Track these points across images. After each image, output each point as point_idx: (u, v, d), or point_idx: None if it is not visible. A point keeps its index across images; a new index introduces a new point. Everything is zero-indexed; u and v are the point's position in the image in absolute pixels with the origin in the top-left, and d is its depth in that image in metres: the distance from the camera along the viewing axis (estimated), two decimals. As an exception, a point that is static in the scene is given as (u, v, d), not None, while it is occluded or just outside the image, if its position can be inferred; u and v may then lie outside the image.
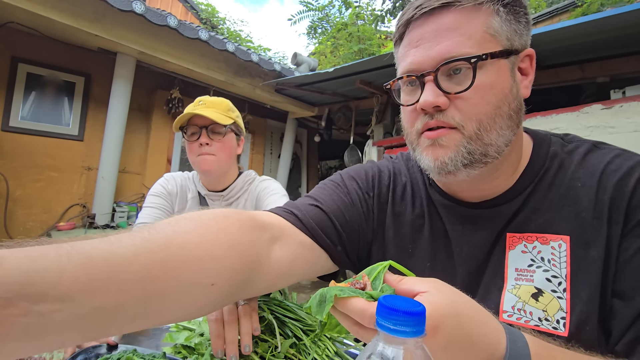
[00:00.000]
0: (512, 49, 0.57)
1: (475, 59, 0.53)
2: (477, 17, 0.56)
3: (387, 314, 0.36)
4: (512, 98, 0.57)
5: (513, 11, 0.58)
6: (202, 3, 8.03)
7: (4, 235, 3.14)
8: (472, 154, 0.56)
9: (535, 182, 0.61)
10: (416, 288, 0.41)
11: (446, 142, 0.57)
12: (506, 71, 0.57)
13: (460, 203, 0.66)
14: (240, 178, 1.40)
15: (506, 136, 0.57)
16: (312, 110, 4.96)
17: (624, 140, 2.27)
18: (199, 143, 1.29)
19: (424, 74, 0.57)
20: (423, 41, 0.57)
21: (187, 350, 0.67)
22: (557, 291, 0.55)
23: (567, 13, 5.29)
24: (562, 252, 0.56)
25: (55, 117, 3.49)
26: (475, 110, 0.55)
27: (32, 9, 2.74)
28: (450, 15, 0.56)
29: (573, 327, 0.53)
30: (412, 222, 0.70)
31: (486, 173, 0.60)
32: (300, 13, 6.65)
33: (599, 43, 2.72)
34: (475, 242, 0.63)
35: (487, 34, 0.55)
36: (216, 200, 1.37)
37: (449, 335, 0.38)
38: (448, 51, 0.55)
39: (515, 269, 0.59)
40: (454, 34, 0.55)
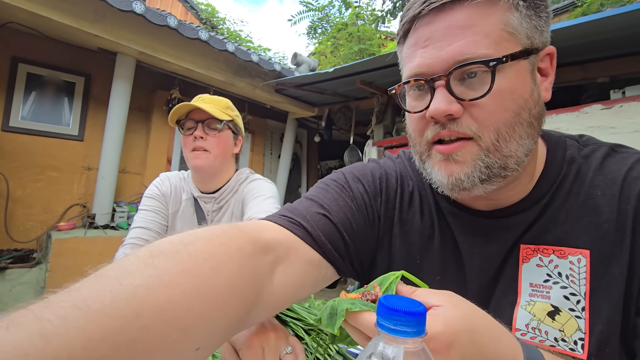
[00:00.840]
0: (532, 48, 0.50)
1: (495, 62, 0.46)
2: (494, 12, 0.48)
3: (387, 314, 0.36)
4: (533, 103, 0.51)
5: (534, 5, 0.50)
6: (202, 3, 8.03)
7: (4, 235, 3.14)
8: (491, 168, 0.50)
9: (553, 190, 0.56)
10: (429, 301, 0.39)
11: (462, 157, 0.51)
12: (526, 73, 0.50)
13: (471, 212, 0.60)
14: (233, 178, 1.35)
15: (526, 146, 0.51)
16: (312, 111, 4.96)
17: (624, 140, 2.27)
18: (193, 137, 1.26)
19: (434, 78, 0.50)
20: (432, 41, 0.50)
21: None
22: (576, 310, 0.51)
23: (567, 13, 5.29)
24: (582, 267, 0.51)
25: (55, 117, 3.49)
26: (493, 118, 0.49)
27: (32, 9, 2.74)
28: (463, 10, 0.48)
29: (592, 349, 0.49)
30: (420, 232, 0.63)
31: (503, 185, 0.54)
32: (300, 13, 6.65)
33: (599, 43, 2.72)
34: (487, 254, 0.58)
35: (504, 32, 0.48)
36: (208, 203, 1.33)
37: (464, 351, 0.36)
38: (462, 52, 0.48)
39: (529, 284, 0.54)
40: (467, 32, 0.48)
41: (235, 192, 1.35)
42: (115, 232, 3.29)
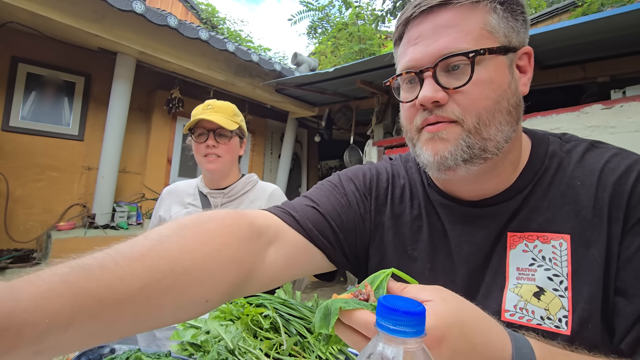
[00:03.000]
0: (509, 46, 0.57)
1: (473, 53, 0.54)
2: (475, 14, 0.56)
3: (387, 314, 0.36)
4: (511, 94, 0.57)
5: (510, 9, 0.58)
6: (202, 3, 8.03)
7: (4, 235, 3.14)
8: (472, 148, 0.56)
9: (535, 181, 0.61)
10: (419, 296, 0.40)
11: (446, 135, 0.57)
12: (504, 67, 0.57)
13: (459, 202, 0.65)
14: (242, 179, 1.49)
15: (505, 132, 0.57)
16: (312, 110, 4.96)
17: (624, 140, 2.27)
18: (206, 145, 1.38)
19: (422, 70, 0.57)
20: (421, 38, 0.57)
21: (193, 348, 0.68)
22: (559, 290, 0.55)
23: (567, 13, 5.28)
24: (563, 250, 0.56)
25: (55, 117, 3.49)
26: (474, 104, 0.55)
27: (32, 9, 2.74)
28: (448, 12, 0.56)
29: (575, 325, 0.53)
30: (410, 224, 0.69)
31: (486, 170, 0.60)
32: (301, 13, 6.65)
33: (599, 43, 2.72)
34: (475, 241, 0.62)
35: (484, 30, 0.56)
36: (217, 198, 1.44)
37: (454, 345, 0.38)
38: (446, 47, 0.55)
39: (516, 268, 0.58)
40: (451, 30, 0.55)
41: (247, 191, 1.47)
42: (115, 232, 3.30)
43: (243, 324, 0.72)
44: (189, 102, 4.08)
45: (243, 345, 0.66)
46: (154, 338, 0.85)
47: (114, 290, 0.38)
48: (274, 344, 0.67)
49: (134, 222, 3.64)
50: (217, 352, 0.63)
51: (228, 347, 0.65)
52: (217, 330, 0.69)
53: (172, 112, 4.11)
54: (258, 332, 0.72)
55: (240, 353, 0.64)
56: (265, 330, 0.72)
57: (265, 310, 0.76)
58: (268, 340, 0.69)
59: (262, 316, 0.74)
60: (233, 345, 0.65)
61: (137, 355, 0.61)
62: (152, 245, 0.44)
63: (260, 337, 0.70)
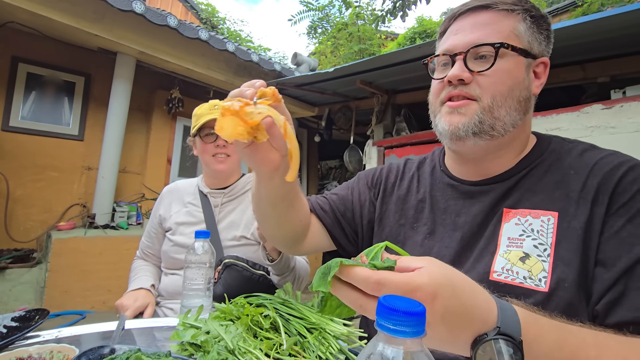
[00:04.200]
0: (530, 52, 0.70)
1: (499, 45, 0.67)
2: (508, 19, 0.69)
3: (387, 314, 0.36)
4: (523, 87, 0.69)
5: (537, 23, 0.71)
6: (202, 3, 8.03)
7: (4, 235, 3.14)
8: (482, 123, 0.68)
9: (530, 168, 0.72)
10: (412, 265, 0.43)
11: (464, 111, 0.69)
12: (522, 66, 0.69)
13: (463, 182, 0.79)
14: (242, 179, 1.50)
15: (513, 116, 0.69)
16: (312, 110, 4.95)
17: (624, 140, 2.27)
18: (215, 144, 1.39)
19: (456, 53, 0.70)
20: (461, 31, 0.72)
21: (193, 348, 0.68)
22: (542, 256, 0.63)
23: (567, 13, 5.29)
24: (550, 225, 0.65)
25: (55, 117, 3.49)
26: (492, 87, 0.68)
27: (32, 8, 2.74)
28: (487, 14, 0.70)
29: (553, 284, 0.61)
30: (415, 206, 0.84)
31: (491, 150, 0.73)
32: (301, 13, 6.65)
33: (599, 43, 2.72)
34: (470, 212, 0.75)
35: (513, 33, 0.69)
36: (217, 197, 1.44)
37: (446, 302, 0.41)
38: (479, 38, 0.68)
39: (507, 238, 0.68)
40: (486, 28, 0.69)
41: (247, 190, 1.48)
42: (115, 232, 3.30)
43: (243, 324, 0.73)
44: (189, 102, 4.08)
45: (243, 345, 0.66)
46: (154, 338, 0.85)
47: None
48: (274, 344, 0.67)
49: (134, 222, 3.64)
50: (217, 352, 0.63)
51: (228, 347, 0.65)
52: (217, 330, 0.70)
53: (172, 112, 4.11)
54: (258, 332, 0.72)
55: (240, 353, 0.64)
56: (265, 330, 0.72)
57: (265, 310, 0.76)
58: (268, 340, 0.69)
59: (262, 316, 0.74)
60: (233, 345, 0.65)
61: (137, 355, 0.61)
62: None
63: (260, 337, 0.70)
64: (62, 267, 2.92)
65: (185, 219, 1.42)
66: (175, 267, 1.37)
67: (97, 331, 0.86)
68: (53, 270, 2.88)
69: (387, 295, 0.39)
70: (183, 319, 0.76)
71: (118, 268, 3.16)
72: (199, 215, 1.41)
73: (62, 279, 2.91)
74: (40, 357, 0.65)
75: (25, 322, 0.84)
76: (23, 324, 0.84)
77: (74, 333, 0.84)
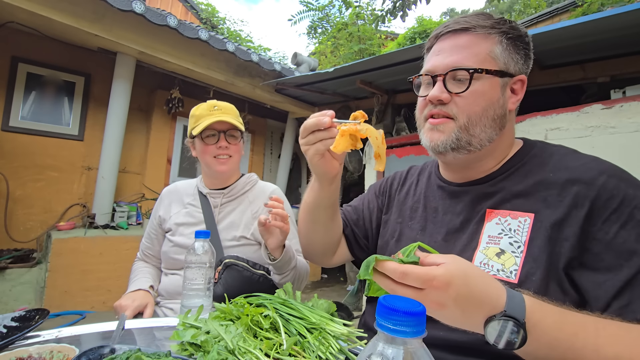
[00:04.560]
0: (506, 72, 0.76)
1: (472, 70, 0.74)
2: (485, 42, 0.76)
3: (387, 314, 0.36)
4: (498, 106, 0.76)
5: (514, 44, 0.77)
6: (202, 3, 8.03)
7: (4, 235, 3.14)
8: (459, 140, 0.76)
9: (511, 172, 0.79)
10: (438, 260, 0.53)
11: (443, 129, 0.77)
12: (497, 86, 0.76)
13: (450, 184, 0.88)
14: (242, 179, 1.50)
15: (488, 133, 0.77)
16: (312, 110, 4.95)
17: (624, 140, 2.27)
18: (217, 146, 1.39)
19: (436, 75, 0.77)
20: (442, 52, 0.78)
21: (193, 348, 0.68)
22: (516, 252, 0.70)
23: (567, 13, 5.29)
24: (526, 224, 0.71)
25: (55, 117, 3.49)
26: (467, 107, 0.75)
27: (32, 8, 2.74)
28: (466, 36, 0.77)
29: (522, 277, 0.68)
30: (411, 207, 0.95)
31: (471, 161, 0.81)
32: (301, 13, 6.65)
33: (599, 43, 2.72)
34: (455, 211, 0.84)
35: (489, 56, 0.75)
36: (217, 198, 1.44)
37: (458, 290, 0.51)
38: (457, 62, 0.75)
39: (488, 236, 0.75)
40: (465, 51, 0.75)
41: (247, 191, 1.48)
42: (115, 232, 3.30)
43: (243, 324, 0.72)
44: (188, 102, 4.08)
45: (243, 345, 0.66)
46: (154, 338, 0.85)
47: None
48: (274, 344, 0.67)
49: (134, 222, 3.64)
50: (217, 352, 0.63)
51: (228, 347, 0.65)
52: (217, 330, 0.69)
53: (172, 112, 4.11)
54: (258, 332, 0.72)
55: (240, 353, 0.64)
56: (265, 330, 0.72)
57: (265, 310, 0.76)
58: (268, 340, 0.69)
59: (262, 316, 0.74)
60: (233, 345, 0.65)
61: (137, 355, 0.61)
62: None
63: (260, 337, 0.70)
64: (62, 267, 2.92)
65: (184, 219, 1.42)
66: (175, 267, 1.37)
67: (97, 331, 0.86)
68: (53, 270, 2.88)
69: (387, 296, 0.39)
70: (183, 319, 0.76)
71: (118, 268, 3.16)
72: (198, 216, 1.41)
73: (62, 279, 2.91)
74: (40, 357, 0.65)
75: (25, 322, 0.84)
76: (23, 323, 0.84)
77: (74, 333, 0.84)
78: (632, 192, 0.64)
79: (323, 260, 1.09)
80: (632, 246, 0.61)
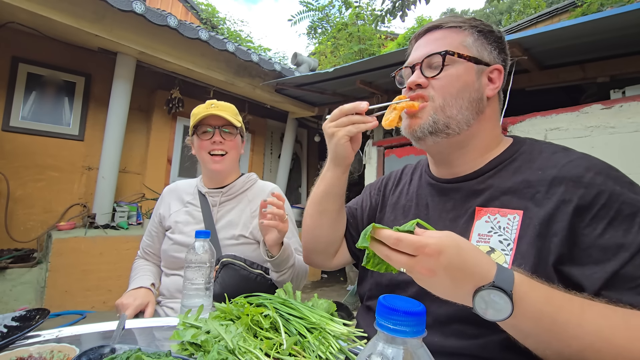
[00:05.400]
0: (480, 60, 0.81)
1: (444, 52, 0.79)
2: (457, 34, 0.82)
3: (387, 314, 0.36)
4: (474, 89, 0.80)
5: (485, 36, 0.83)
6: (202, 3, 8.03)
7: (4, 234, 3.14)
8: (437, 123, 0.79)
9: (500, 168, 0.80)
10: (434, 235, 0.55)
11: (420, 115, 0.81)
12: (472, 71, 0.80)
13: (439, 180, 0.90)
14: (241, 178, 1.50)
15: (465, 115, 0.79)
16: (312, 110, 4.95)
17: (624, 140, 2.27)
18: (212, 141, 1.39)
19: (414, 65, 0.84)
20: (419, 47, 0.86)
21: (193, 348, 0.68)
22: (505, 250, 0.71)
23: (567, 13, 5.29)
24: (515, 222, 0.72)
25: (55, 117, 3.49)
26: (443, 89, 0.79)
27: (32, 9, 2.74)
28: (439, 32, 0.84)
29: None
30: (404, 205, 0.97)
31: (453, 147, 0.83)
32: (300, 13, 6.65)
33: (599, 43, 2.72)
34: (445, 208, 0.85)
35: (461, 45, 0.81)
36: (216, 197, 1.45)
37: (449, 258, 0.53)
38: (431, 50, 0.81)
39: (478, 234, 0.76)
40: (438, 42, 0.82)
41: (246, 190, 1.48)
42: (115, 232, 3.30)
43: (243, 324, 0.73)
44: (189, 102, 4.08)
45: (243, 345, 0.66)
46: (154, 338, 0.85)
47: None
48: (274, 344, 0.67)
49: (134, 222, 3.64)
50: (217, 352, 0.63)
51: (228, 347, 0.65)
52: (217, 330, 0.70)
53: (172, 112, 4.11)
54: (258, 332, 0.72)
55: (240, 353, 0.64)
56: (266, 330, 0.72)
57: (265, 310, 0.76)
58: (268, 340, 0.69)
59: (262, 316, 0.75)
60: (233, 345, 0.65)
61: (137, 355, 0.61)
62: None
63: (261, 337, 0.70)
64: (62, 267, 2.92)
65: (184, 218, 1.42)
66: (175, 266, 1.38)
67: (97, 331, 0.86)
68: (53, 270, 2.88)
69: (387, 295, 0.39)
70: (183, 319, 0.76)
71: (118, 268, 3.16)
72: (197, 215, 1.41)
73: (62, 278, 2.91)
74: (41, 357, 0.65)
75: (26, 322, 0.84)
76: (23, 323, 0.84)
77: (75, 333, 0.84)
78: (619, 189, 0.65)
79: (324, 261, 1.09)
80: (620, 241, 0.62)
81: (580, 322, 0.54)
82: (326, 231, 1.02)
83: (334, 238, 1.04)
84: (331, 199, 0.98)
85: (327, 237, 1.03)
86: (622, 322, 0.55)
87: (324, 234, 1.03)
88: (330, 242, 1.05)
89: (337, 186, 0.97)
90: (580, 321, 0.54)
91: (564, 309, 0.55)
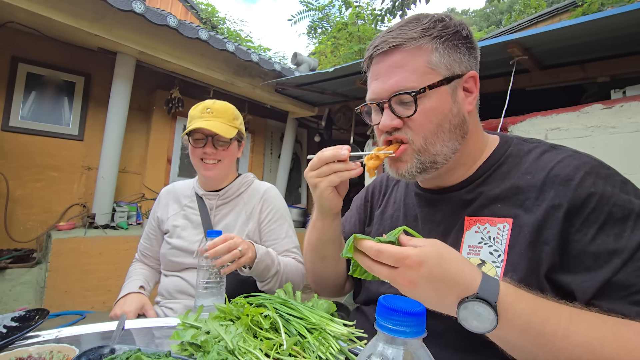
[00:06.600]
0: (452, 76, 0.73)
1: (415, 93, 0.70)
2: (420, 55, 0.71)
3: (387, 314, 0.36)
4: (453, 116, 0.74)
5: (451, 45, 0.73)
6: (202, 3, 8.03)
7: (4, 235, 3.14)
8: (423, 163, 0.75)
9: (488, 175, 0.77)
10: (418, 243, 0.55)
11: (404, 158, 0.76)
12: (446, 95, 0.73)
13: (426, 191, 0.86)
14: (237, 180, 1.48)
15: (450, 146, 0.75)
16: (312, 110, 4.95)
17: (624, 140, 2.27)
18: (203, 151, 1.36)
19: (382, 102, 0.75)
20: (379, 76, 0.75)
21: (193, 348, 0.68)
22: (496, 262, 0.70)
23: (567, 13, 5.29)
24: (505, 231, 0.70)
25: (55, 117, 3.49)
26: (421, 129, 0.73)
27: (32, 8, 2.74)
28: (398, 54, 0.72)
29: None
30: (391, 215, 0.95)
31: (442, 172, 0.79)
32: (300, 13, 6.65)
33: (599, 43, 2.72)
34: (434, 220, 0.82)
35: (428, 67, 0.71)
36: (212, 199, 1.44)
37: (431, 269, 0.53)
38: (397, 84, 0.72)
39: (468, 246, 0.74)
40: (401, 70, 0.72)
41: (242, 192, 1.46)
42: (115, 232, 3.29)
43: (243, 324, 0.72)
44: (188, 102, 4.07)
45: (243, 345, 0.66)
46: (154, 338, 0.85)
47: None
48: (274, 344, 0.67)
49: (134, 222, 3.64)
50: (217, 352, 0.63)
51: (228, 347, 0.65)
52: (217, 330, 0.69)
53: (172, 112, 4.11)
54: (258, 332, 0.72)
55: (240, 353, 0.64)
56: (265, 330, 0.72)
57: (265, 310, 0.76)
58: (268, 340, 0.69)
59: (262, 316, 0.74)
60: (233, 346, 0.65)
61: (137, 355, 0.61)
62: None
63: (260, 337, 0.70)
64: (62, 267, 2.92)
65: (182, 222, 1.42)
66: (174, 269, 1.37)
67: (97, 331, 0.86)
68: (53, 270, 2.88)
69: (387, 296, 0.39)
70: (183, 319, 0.76)
71: (118, 268, 3.16)
72: (195, 219, 1.41)
73: (62, 279, 2.91)
74: (40, 357, 0.65)
75: (25, 322, 0.84)
76: (23, 324, 0.84)
77: (74, 333, 0.84)
78: (610, 189, 0.63)
79: (335, 293, 1.07)
80: (611, 246, 0.60)
81: (568, 334, 0.53)
82: (330, 272, 1.00)
83: (339, 274, 1.02)
84: (328, 245, 0.94)
85: (332, 275, 1.01)
86: (611, 333, 0.53)
87: (330, 277, 1.01)
88: (337, 278, 1.03)
89: (330, 233, 0.91)
90: (568, 332, 0.53)
91: (551, 320, 0.54)
